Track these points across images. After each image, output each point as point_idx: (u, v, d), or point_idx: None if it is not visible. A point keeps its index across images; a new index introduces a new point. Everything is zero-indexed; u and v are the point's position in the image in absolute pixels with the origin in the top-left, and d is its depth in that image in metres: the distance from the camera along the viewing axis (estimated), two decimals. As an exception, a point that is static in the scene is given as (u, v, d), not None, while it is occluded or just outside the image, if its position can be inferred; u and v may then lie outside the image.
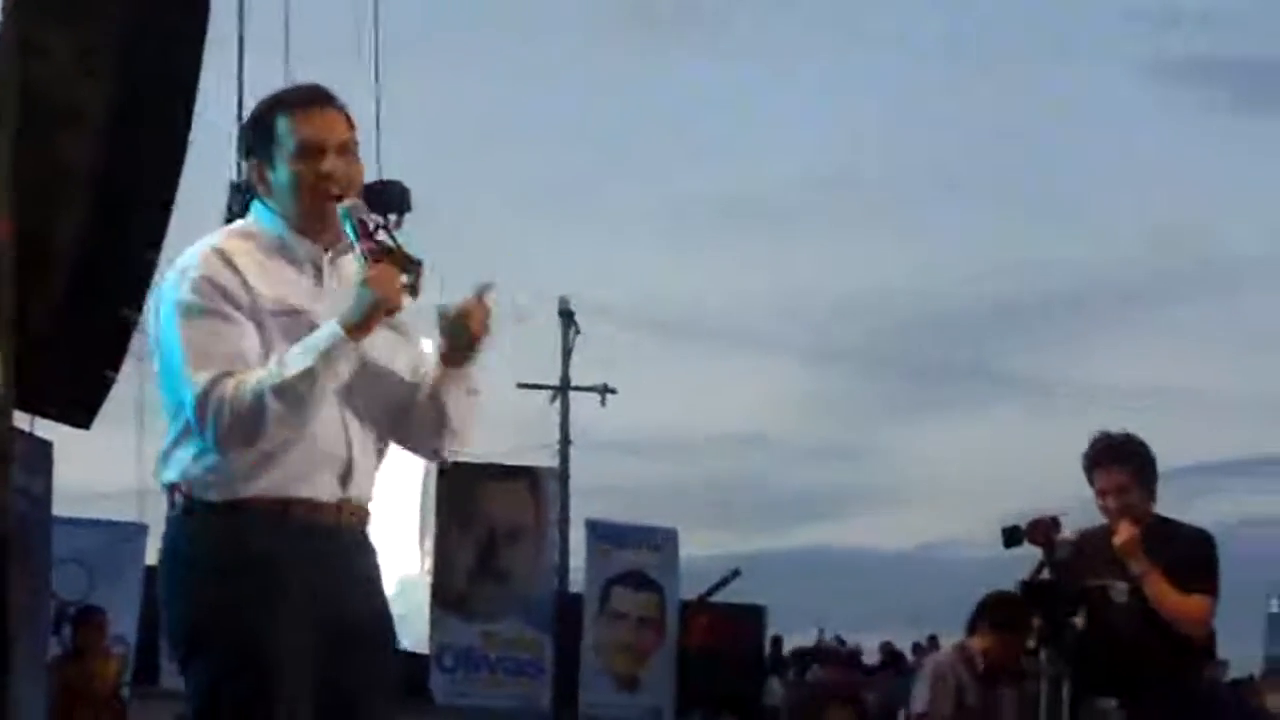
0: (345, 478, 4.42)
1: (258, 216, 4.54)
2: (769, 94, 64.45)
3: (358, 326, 4.28)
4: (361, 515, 4.51)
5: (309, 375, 4.23)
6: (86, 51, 8.31)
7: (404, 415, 4.57)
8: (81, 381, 8.76)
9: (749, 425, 66.71)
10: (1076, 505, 8.12)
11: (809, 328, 65.93)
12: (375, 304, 4.28)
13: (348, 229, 4.37)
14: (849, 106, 68.47)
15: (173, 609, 4.41)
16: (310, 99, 4.50)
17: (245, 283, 4.35)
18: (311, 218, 4.45)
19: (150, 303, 4.51)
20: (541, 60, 61.88)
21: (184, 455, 4.37)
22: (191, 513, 4.37)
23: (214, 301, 4.31)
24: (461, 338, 4.48)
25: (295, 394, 4.23)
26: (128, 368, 9.24)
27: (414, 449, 4.69)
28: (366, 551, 4.54)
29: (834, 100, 66.96)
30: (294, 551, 4.32)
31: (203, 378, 4.24)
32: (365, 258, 4.33)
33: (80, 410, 8.88)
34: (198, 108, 8.62)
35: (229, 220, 11.58)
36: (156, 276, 8.67)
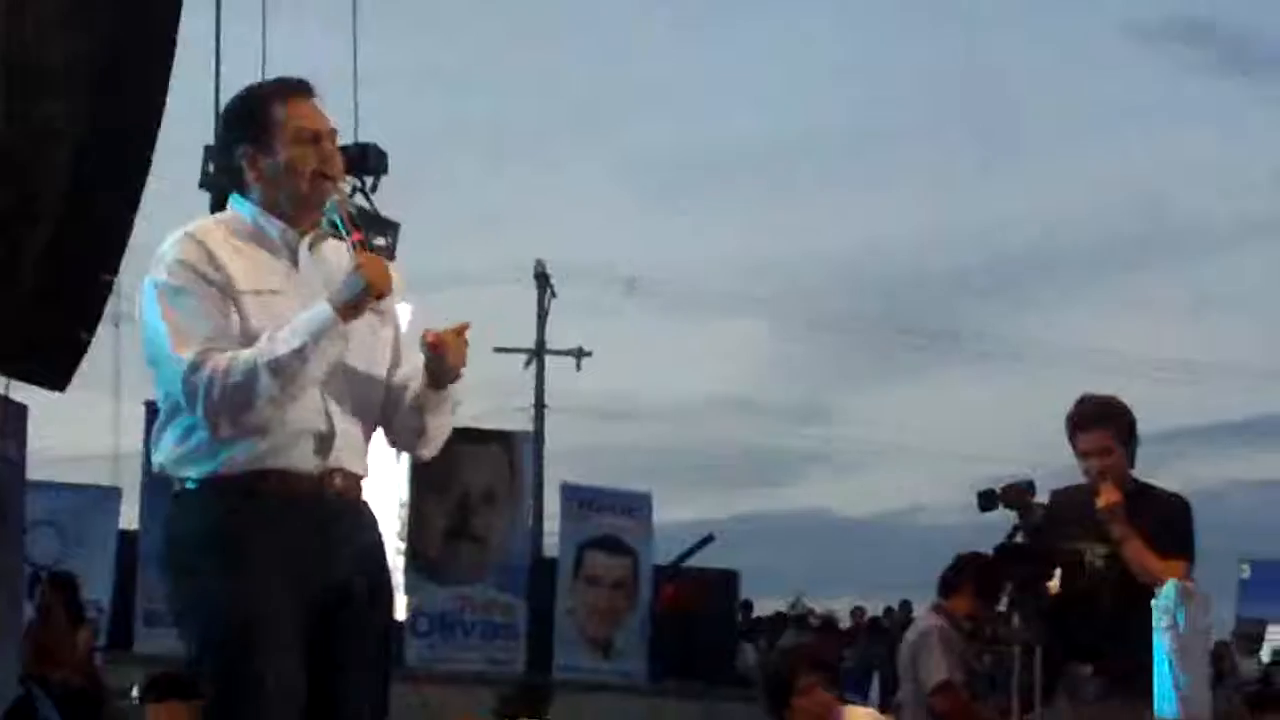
0: (325, 449, 4.53)
1: (233, 206, 4.68)
2: (738, 54, 64.26)
3: (347, 308, 4.44)
4: (350, 484, 4.60)
5: (301, 353, 4.38)
6: (68, 12, 8.29)
7: (389, 406, 4.73)
8: (57, 344, 8.75)
9: (723, 389, 66.67)
10: (1045, 471, 8.14)
11: (783, 291, 66.02)
12: (366, 289, 4.44)
13: (336, 221, 4.55)
14: (824, 65, 68.39)
15: (165, 583, 4.66)
16: (301, 88, 4.66)
17: (218, 264, 4.48)
18: (304, 202, 4.60)
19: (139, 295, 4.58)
20: (513, 18, 61.71)
21: (169, 438, 4.53)
22: (176, 492, 4.54)
23: (190, 282, 4.46)
24: (441, 366, 4.62)
25: (288, 371, 4.37)
26: (104, 332, 9.25)
27: (392, 443, 4.85)
28: (357, 518, 4.64)
29: (810, 59, 66.80)
30: (266, 521, 4.44)
31: (188, 354, 4.38)
32: (356, 248, 4.50)
33: (55, 373, 8.88)
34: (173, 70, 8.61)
35: (203, 184, 11.53)
36: (133, 239, 8.68)
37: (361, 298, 4.44)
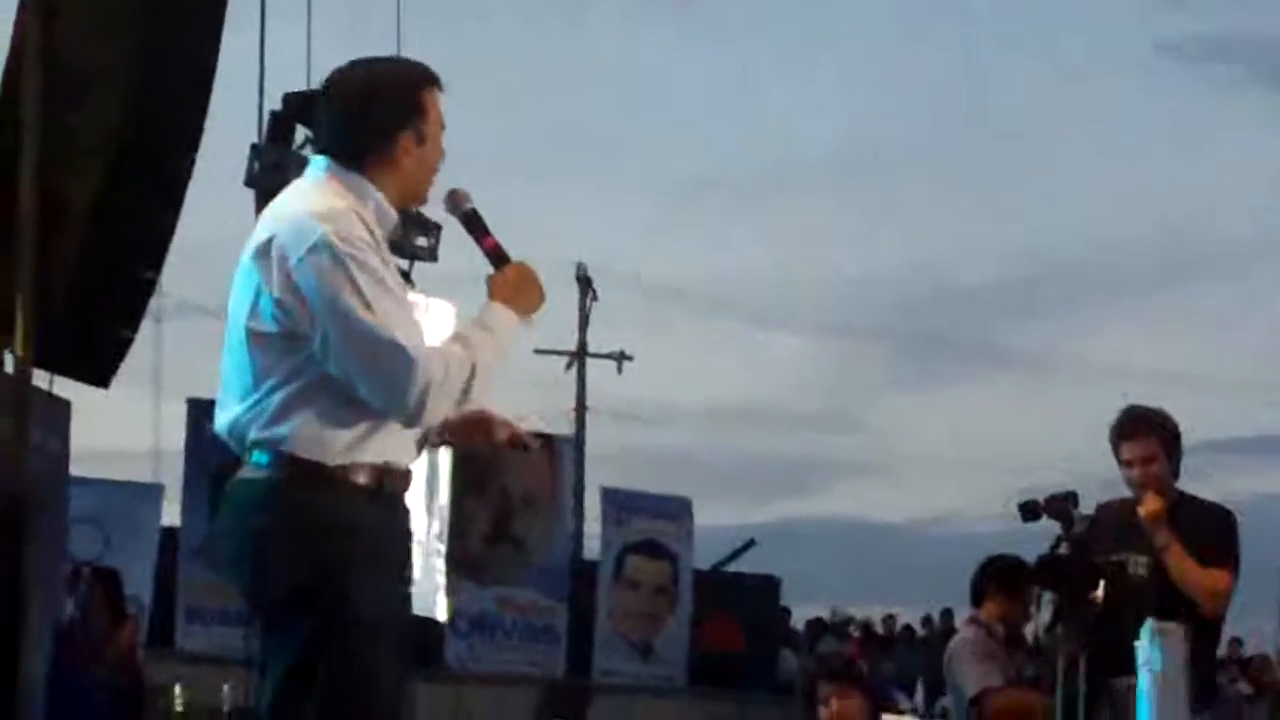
0: (420, 445, 4.54)
1: (354, 183, 4.40)
2: (784, 70, 64.40)
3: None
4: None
5: (498, 359, 4.39)
6: (106, 12, 8.31)
7: None
8: (100, 341, 8.79)
9: (762, 395, 66.65)
10: (1078, 480, 8.09)
11: (823, 300, 66.01)
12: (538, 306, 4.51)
13: (460, 220, 4.53)
14: (860, 84, 68.45)
15: (269, 567, 4.32)
16: (440, 80, 4.50)
17: (379, 245, 4.33)
18: (420, 198, 4.56)
19: (272, 261, 4.25)
20: (559, 24, 61.94)
21: (300, 416, 4.28)
22: (296, 474, 4.30)
23: (379, 263, 4.27)
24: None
25: (490, 379, 4.37)
26: (145, 329, 9.27)
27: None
28: None
29: (846, 78, 66.90)
30: (390, 516, 4.42)
31: (409, 341, 4.21)
32: (493, 257, 4.49)
33: (98, 370, 8.91)
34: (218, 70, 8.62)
35: (249, 182, 11.48)
36: (176, 238, 8.70)
37: (533, 313, 4.50)
